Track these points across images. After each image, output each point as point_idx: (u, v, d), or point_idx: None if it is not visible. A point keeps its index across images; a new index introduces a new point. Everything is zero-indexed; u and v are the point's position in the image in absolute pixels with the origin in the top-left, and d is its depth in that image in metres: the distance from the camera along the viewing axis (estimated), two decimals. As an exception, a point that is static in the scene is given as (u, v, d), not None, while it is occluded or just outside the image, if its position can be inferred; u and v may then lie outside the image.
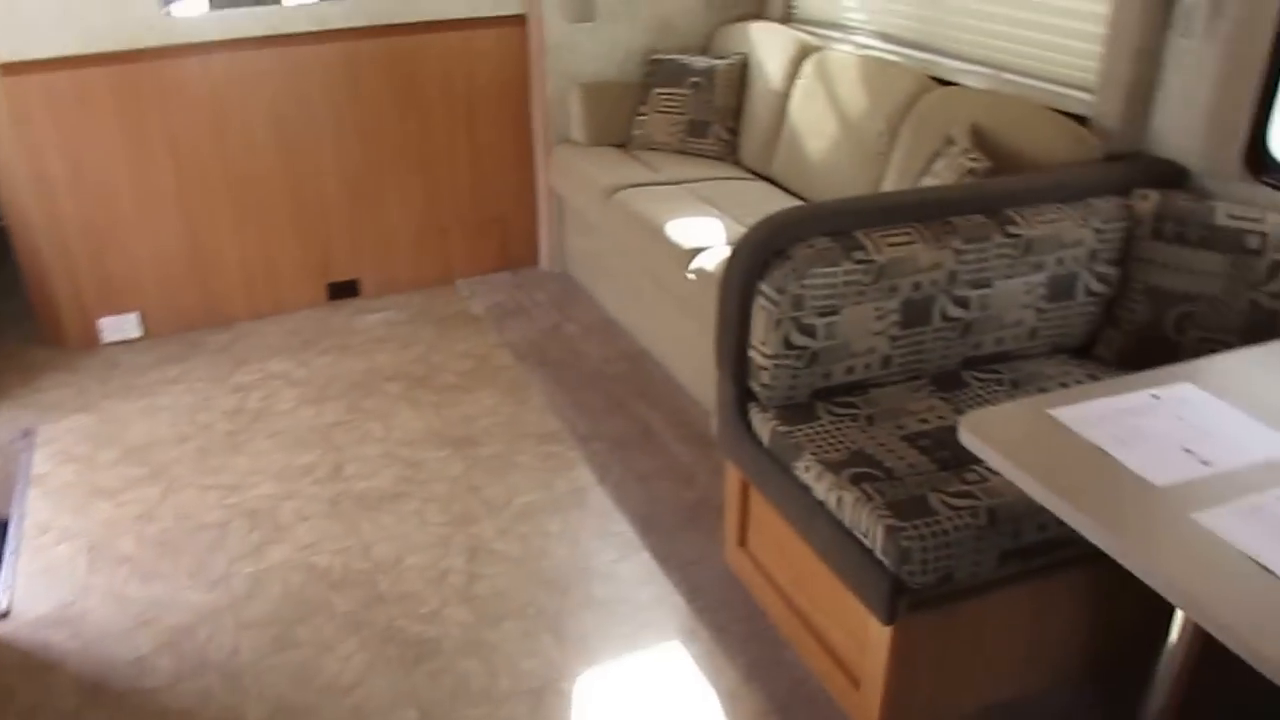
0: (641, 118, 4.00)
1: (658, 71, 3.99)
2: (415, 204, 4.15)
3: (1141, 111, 2.59)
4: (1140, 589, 1.41)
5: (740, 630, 2.38)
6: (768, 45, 3.80)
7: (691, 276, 3.04)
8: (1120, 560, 1.40)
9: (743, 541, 2.50)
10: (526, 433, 3.19)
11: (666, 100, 3.94)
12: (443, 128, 4.07)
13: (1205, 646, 1.65)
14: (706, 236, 3.15)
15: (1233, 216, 2.27)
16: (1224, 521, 1.42)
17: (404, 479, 2.97)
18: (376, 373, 3.58)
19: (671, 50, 4.10)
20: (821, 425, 2.13)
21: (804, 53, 3.63)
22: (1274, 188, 2.36)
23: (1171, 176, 2.51)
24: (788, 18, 4.05)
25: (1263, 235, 2.24)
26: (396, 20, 3.83)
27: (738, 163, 3.91)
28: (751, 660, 2.29)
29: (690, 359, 3.30)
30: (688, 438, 3.15)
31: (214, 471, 3.03)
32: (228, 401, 3.42)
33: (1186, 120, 2.50)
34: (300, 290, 4.08)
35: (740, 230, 3.17)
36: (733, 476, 2.46)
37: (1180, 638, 1.65)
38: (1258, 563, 1.34)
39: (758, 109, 3.79)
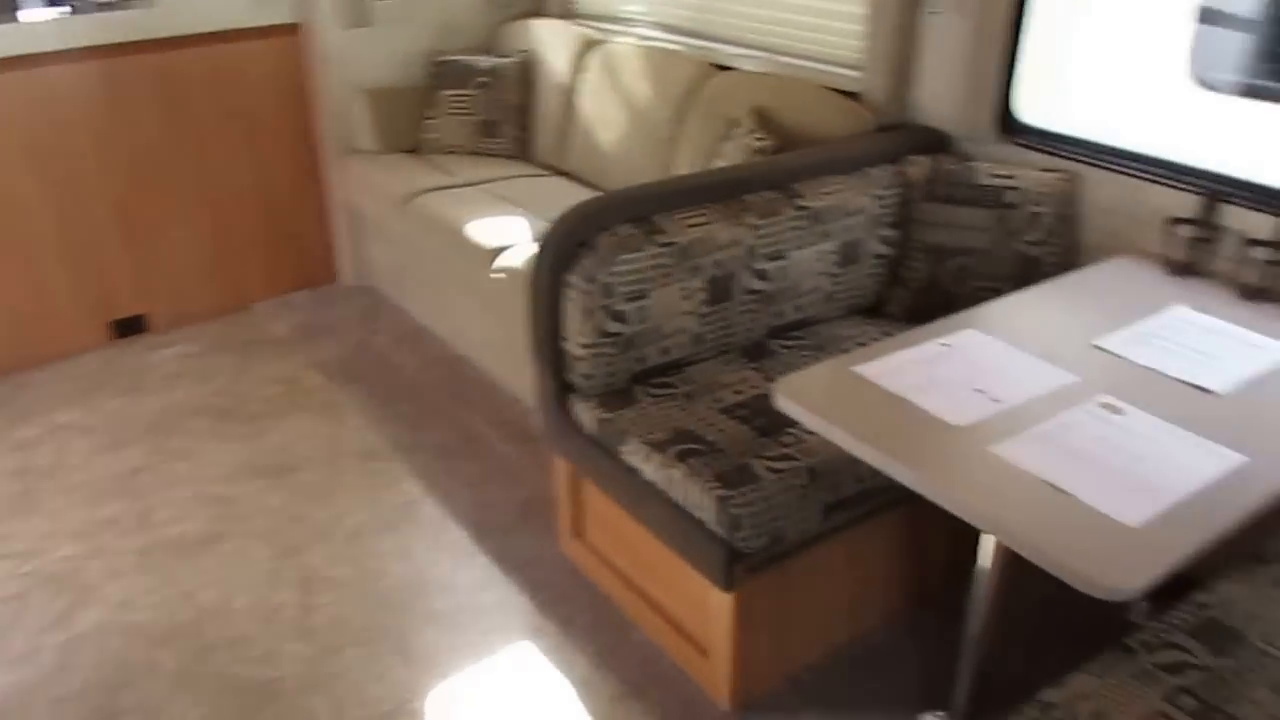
0: (431, 121, 3.93)
1: (443, 73, 3.93)
2: (200, 228, 3.92)
3: (904, 85, 2.77)
4: (952, 523, 1.52)
5: (586, 620, 2.39)
6: (550, 41, 3.82)
7: (498, 275, 3.02)
8: (931, 497, 1.50)
9: (579, 532, 2.51)
10: (347, 452, 3.09)
11: (455, 102, 3.89)
12: (221, 146, 3.86)
13: (1012, 566, 1.80)
14: (509, 235, 3.14)
15: (993, 175, 2.47)
16: (1017, 451, 1.55)
17: (220, 517, 2.81)
18: (176, 410, 3.37)
19: (455, 51, 4.05)
20: (643, 408, 2.17)
21: (587, 47, 3.67)
22: (1023, 147, 2.58)
23: (937, 143, 2.70)
24: (568, 13, 4.08)
25: (1019, 190, 2.44)
26: (156, 35, 3.59)
27: (532, 160, 3.91)
28: (601, 647, 2.30)
29: (506, 358, 3.28)
30: (512, 437, 3.13)
31: (2, 540, 2.76)
32: (9, 461, 3.12)
33: (944, 90, 2.69)
34: (79, 331, 3.77)
35: (543, 225, 3.17)
36: (561, 469, 2.47)
37: (990, 561, 1.78)
38: (1050, 484, 1.47)
39: (547, 105, 3.80)
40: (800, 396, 1.70)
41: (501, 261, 3.02)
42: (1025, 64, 2.57)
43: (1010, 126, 2.62)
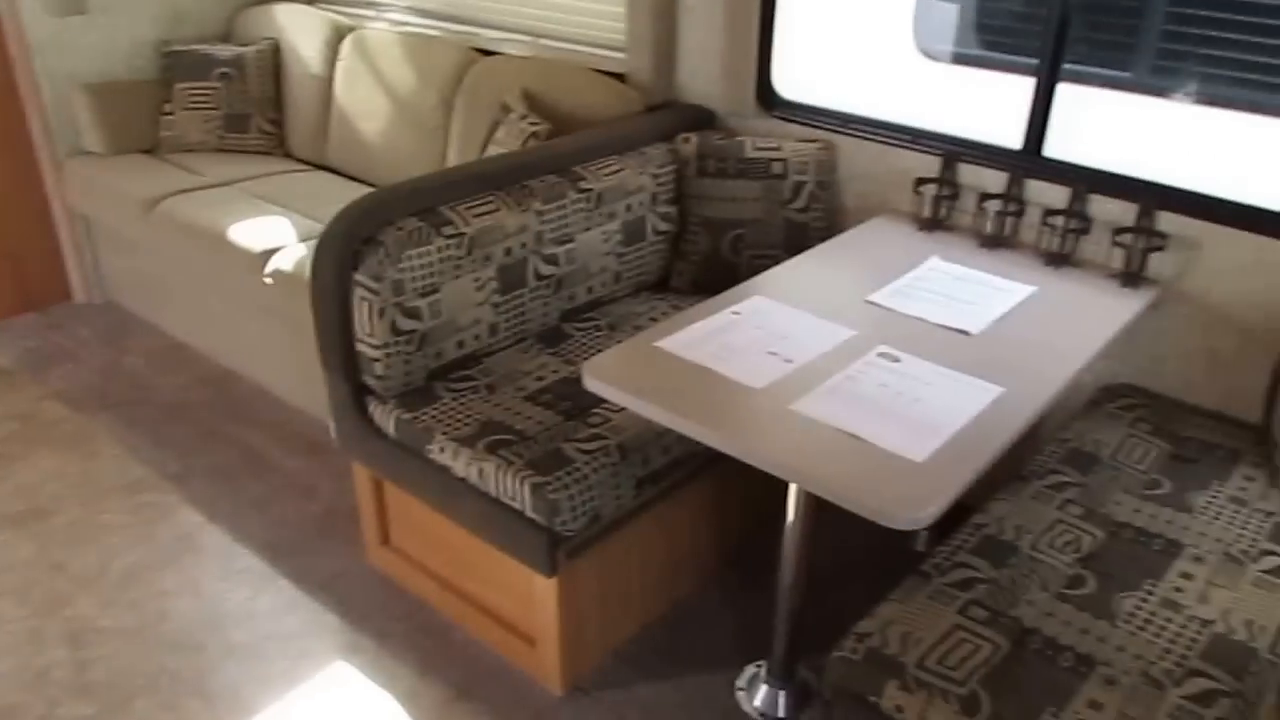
0: (168, 117, 3.73)
1: (177, 65, 3.73)
2: (-104, 252, 3.53)
3: (669, 65, 2.92)
4: (752, 483, 1.67)
5: (403, 628, 2.39)
6: (298, 28, 3.70)
7: (268, 281, 2.93)
8: (742, 457, 1.64)
9: (385, 540, 2.50)
10: (107, 488, 2.90)
11: (194, 96, 3.70)
12: (-86, 157, 3.49)
13: (814, 518, 1.98)
14: (276, 236, 3.04)
15: (758, 148, 2.66)
16: (813, 405, 1.72)
17: (-37, 576, 2.58)
18: (-108, 461, 3.04)
19: (188, 40, 3.84)
20: (445, 404, 2.20)
21: (339, 33, 3.59)
22: (784, 120, 2.80)
23: (704, 119, 2.87)
24: (311, -1, 3.97)
25: (784, 161, 2.64)
26: None
27: (289, 154, 3.79)
28: (423, 654, 2.32)
29: (283, 368, 3.19)
30: (299, 450, 3.06)
31: None
32: None
33: (706, 69, 2.86)
34: None
35: (312, 224, 3.11)
36: (362, 476, 2.45)
37: (796, 510, 1.96)
38: (845, 431, 1.64)
39: (300, 96, 3.70)
40: (608, 376, 1.80)
41: (272, 265, 2.93)
42: (780, 42, 2.78)
43: (771, 101, 2.83)
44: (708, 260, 2.70)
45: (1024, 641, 1.60)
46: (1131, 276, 2.24)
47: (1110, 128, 3.00)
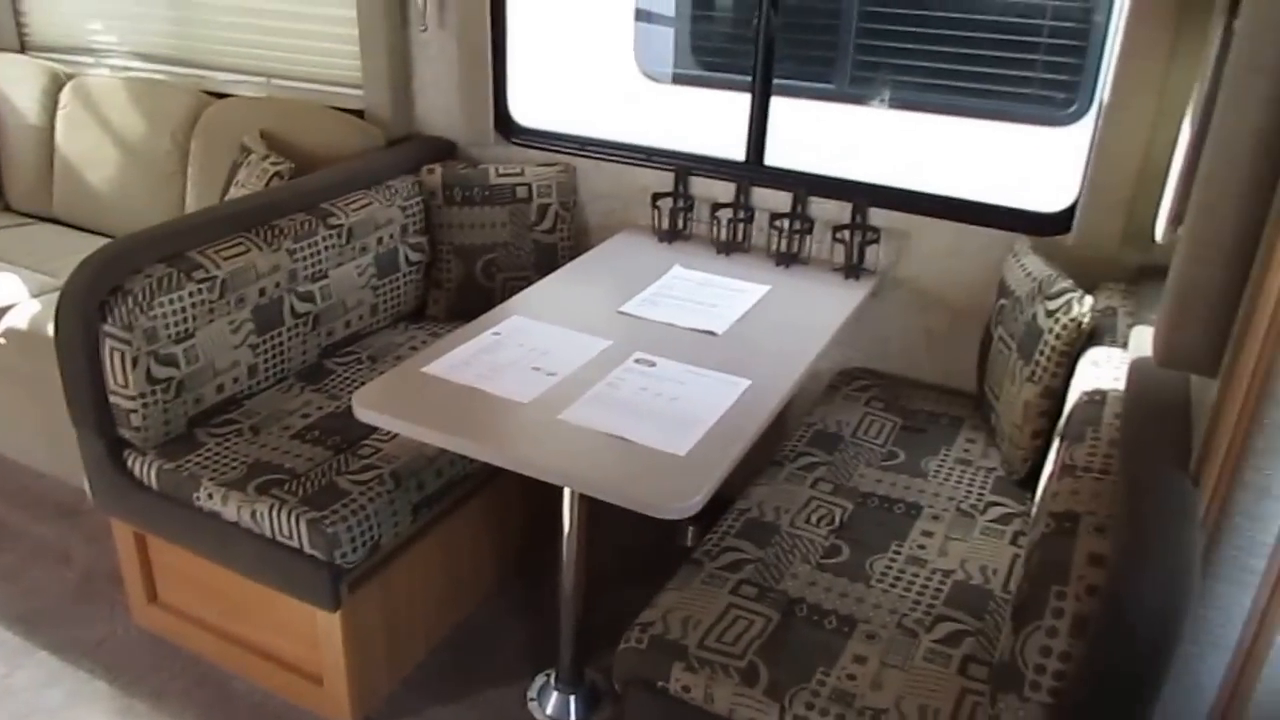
0: None
1: None
2: None
3: (406, 99, 2.83)
4: (528, 497, 1.63)
5: (180, 685, 2.17)
6: (10, 78, 3.33)
7: (1, 341, 2.60)
8: (516, 469, 1.60)
9: (153, 597, 2.27)
10: None
11: (-111, 154, 3.25)
12: None
13: (589, 525, 1.96)
14: (4, 293, 2.71)
15: (501, 174, 2.62)
16: (579, 413, 1.70)
17: None
18: None
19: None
20: (209, 450, 2.02)
21: (56, 82, 3.26)
22: (524, 146, 2.78)
23: (447, 150, 2.81)
24: (23, 46, 3.57)
25: (527, 185, 2.62)
26: None
27: (8, 208, 3.39)
28: (203, 708, 2.12)
29: (23, 431, 2.83)
30: (47, 515, 2.72)
31: None
32: None
33: (443, 101, 2.80)
34: None
35: (44, 279, 2.81)
36: (123, 534, 2.21)
37: (572, 515, 1.93)
38: (611, 434, 1.64)
39: (18, 147, 3.32)
40: (378, 404, 1.71)
41: (3, 325, 2.60)
42: (514, 71, 2.76)
43: (510, 129, 2.80)
44: (462, 287, 2.63)
45: (792, 611, 1.65)
46: (853, 269, 2.37)
47: (823, 134, 3.19)
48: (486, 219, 2.62)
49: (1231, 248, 1.15)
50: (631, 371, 1.86)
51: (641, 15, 3.83)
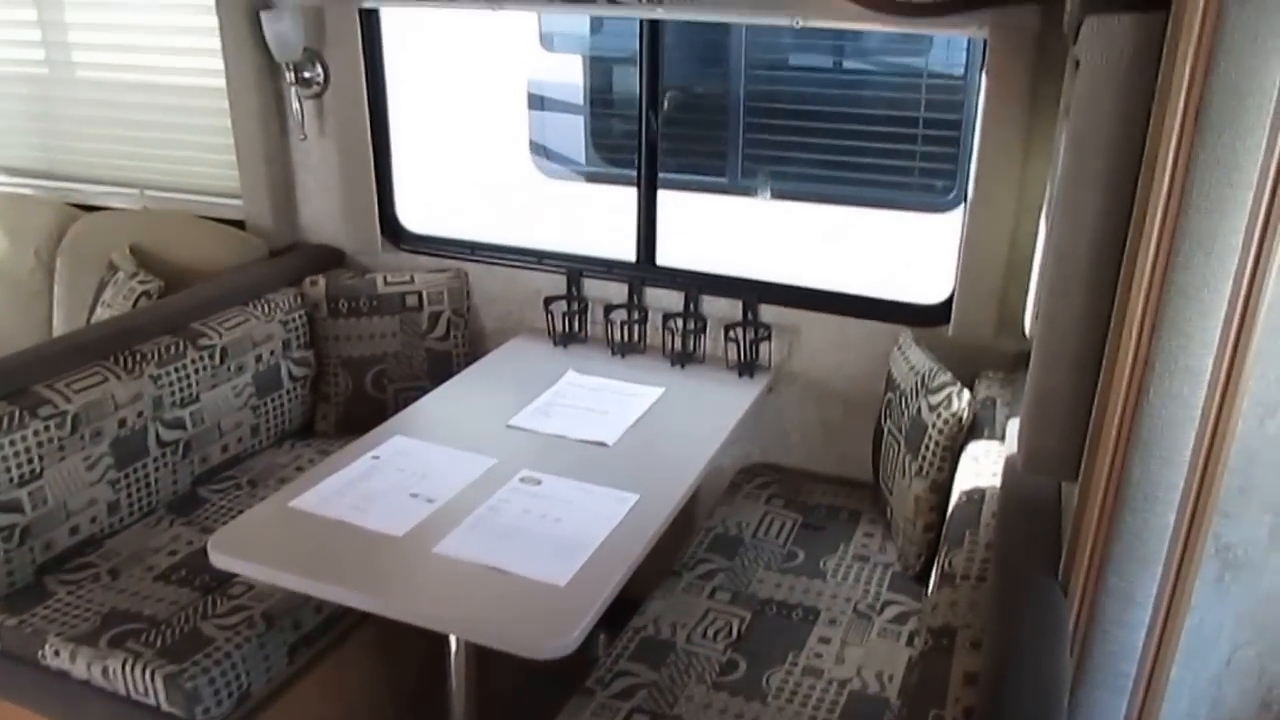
0: None
1: None
2: None
3: (289, 208, 2.82)
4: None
5: None
6: None
7: None
8: (384, 613, 1.56)
9: (7, 765, 2.13)
10: None
11: None
12: None
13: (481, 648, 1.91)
14: None
15: (390, 283, 2.61)
16: (456, 544, 1.66)
17: None
18: None
19: None
20: (60, 600, 1.93)
21: (-92, 199, 3.16)
22: (413, 252, 2.77)
23: (332, 259, 2.79)
24: None
25: (418, 293, 2.61)
26: None
27: None
28: None
29: None
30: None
31: None
32: None
33: (327, 209, 2.79)
34: None
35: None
36: (-33, 696, 2.08)
37: (456, 654, 1.87)
38: (490, 566, 1.60)
39: None
40: (238, 549, 1.66)
41: None
42: (400, 177, 2.77)
43: (398, 236, 2.79)
44: (352, 400, 2.59)
45: (685, 741, 1.62)
46: (746, 365, 2.40)
47: (715, 226, 3.25)
48: (375, 329, 2.60)
49: (1078, 356, 1.19)
50: (516, 492, 1.83)
51: (535, 102, 3.91)
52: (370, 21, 2.59)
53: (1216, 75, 0.92)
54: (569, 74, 3.85)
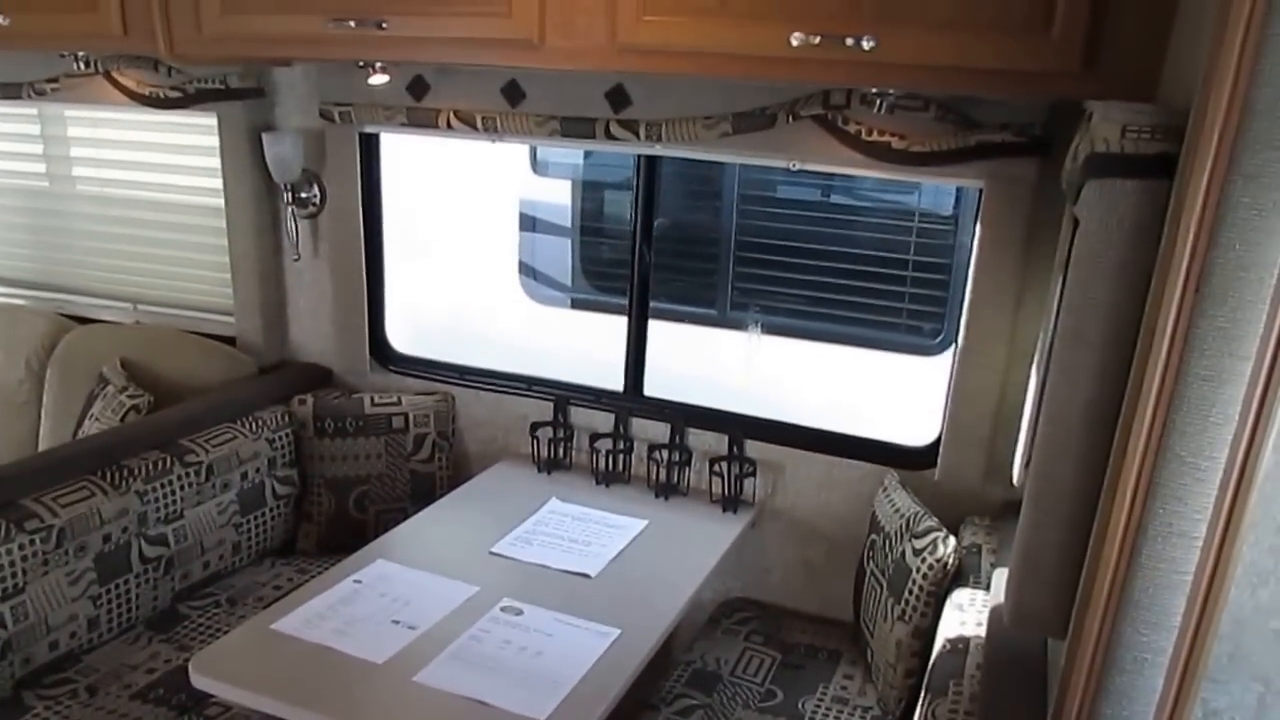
0: None
1: None
2: None
3: (279, 326, 2.96)
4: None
5: None
6: None
7: None
8: (365, 744, 1.62)
9: None
10: None
11: None
12: None
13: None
14: None
15: (376, 404, 2.73)
16: (436, 674, 1.74)
17: None
18: None
19: None
20: (37, 716, 1.98)
21: (-101, 304, 3.29)
22: (401, 374, 2.91)
23: (320, 378, 2.92)
24: None
25: (404, 415, 2.73)
26: None
27: None
28: None
29: None
30: None
31: None
32: None
33: (318, 328, 2.93)
34: None
35: None
36: (-72, 820, 2.11)
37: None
38: (470, 698, 1.68)
39: None
40: (219, 670, 1.73)
41: None
42: (391, 300, 2.92)
43: (387, 357, 2.93)
44: (334, 520, 2.68)
45: None
46: (730, 500, 2.51)
47: (707, 356, 3.40)
48: (360, 450, 2.70)
49: (1070, 514, 1.26)
50: (497, 622, 1.91)
51: (526, 224, 4.08)
52: (369, 145, 2.77)
53: (1219, 248, 0.97)
54: (558, 197, 4.04)
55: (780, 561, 2.57)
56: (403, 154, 2.89)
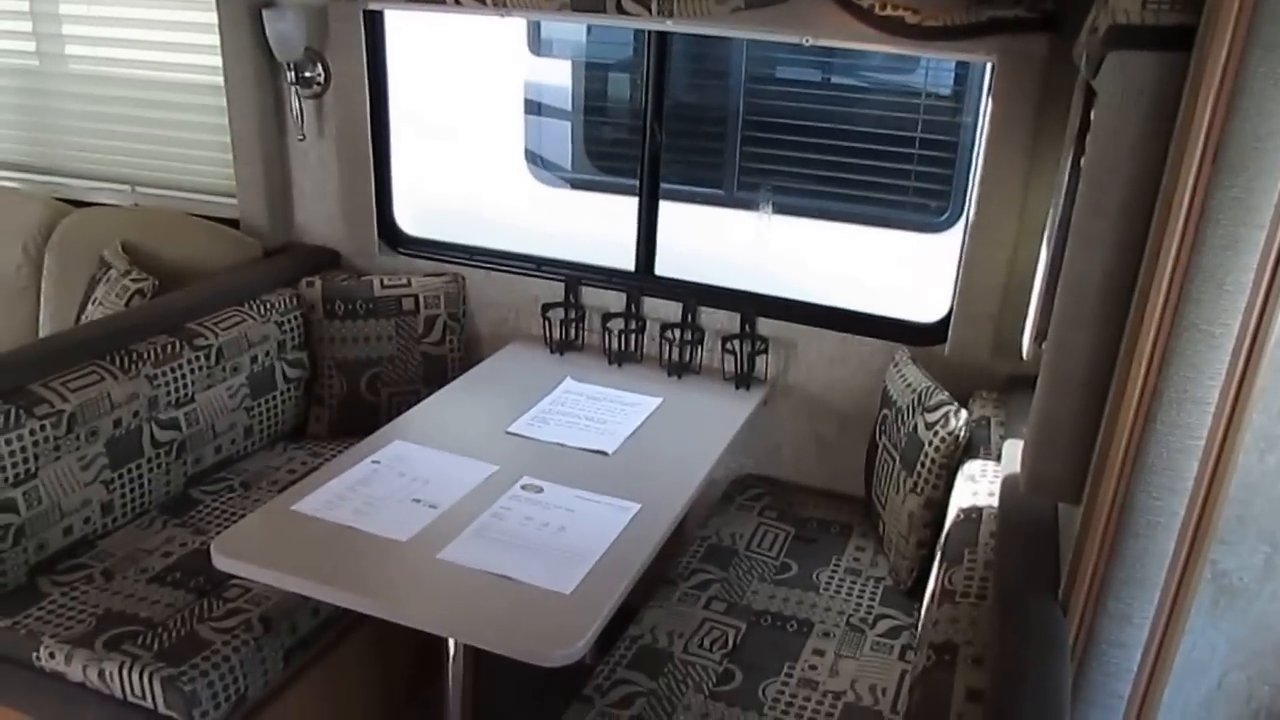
0: None
1: None
2: None
3: (284, 208, 2.84)
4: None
5: None
6: None
7: None
8: (390, 618, 1.58)
9: (-7, 764, 2.13)
10: None
11: None
12: None
13: (479, 653, 1.93)
14: None
15: (387, 286, 2.63)
16: (460, 550, 1.69)
17: None
18: None
19: None
20: (54, 601, 1.94)
21: (-111, 190, 3.15)
22: (410, 256, 2.80)
23: (327, 260, 2.81)
24: None
25: (414, 297, 2.64)
26: None
27: None
28: None
29: None
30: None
31: None
32: None
33: (324, 210, 2.81)
34: None
35: None
36: (-45, 698, 2.09)
37: (455, 658, 1.89)
38: (493, 573, 1.63)
39: None
40: (242, 551, 1.68)
41: None
42: (399, 180, 2.79)
43: (396, 239, 2.82)
44: (346, 403, 2.61)
45: (684, 749, 1.65)
46: (743, 378, 2.44)
47: (715, 236, 3.30)
48: (371, 332, 2.62)
49: (1087, 382, 1.23)
50: (518, 499, 1.86)
51: (531, 108, 3.93)
52: (374, 23, 2.61)
53: (1237, 117, 0.96)
54: (557, 79, 3.87)
55: (792, 437, 2.52)
56: (402, 36, 2.73)
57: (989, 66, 2.10)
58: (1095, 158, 1.17)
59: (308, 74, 2.67)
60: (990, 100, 2.08)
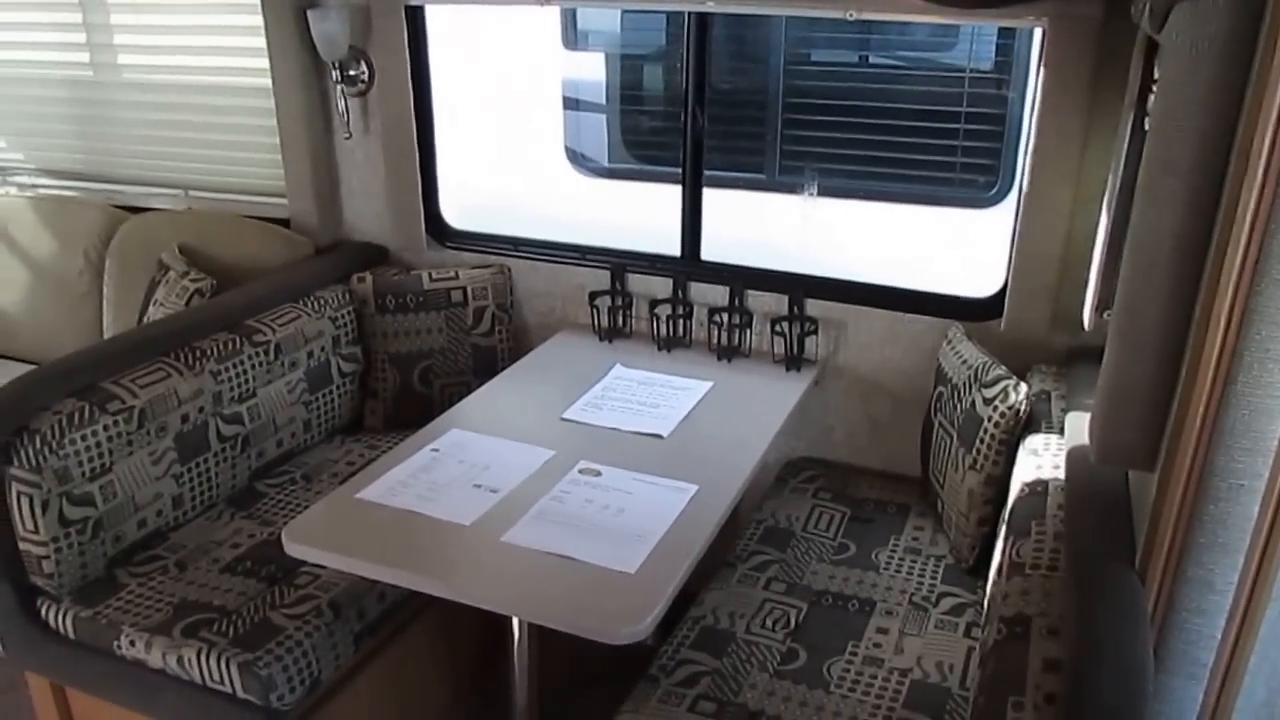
0: None
1: None
2: None
3: (334, 206, 2.86)
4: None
5: None
6: (-95, 199, 3.27)
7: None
8: (458, 599, 1.59)
9: (75, 753, 2.18)
10: None
11: None
12: None
13: (543, 634, 1.94)
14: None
15: (435, 279, 2.64)
16: (523, 533, 1.70)
17: None
18: None
19: None
20: (131, 592, 1.97)
21: (-43, 203, 3.21)
22: (457, 249, 2.81)
23: (378, 256, 2.83)
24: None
25: (462, 289, 2.65)
26: None
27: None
28: None
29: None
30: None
31: None
32: None
33: (372, 207, 2.83)
34: None
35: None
36: (39, 686, 2.13)
37: (520, 639, 1.90)
38: (557, 554, 1.64)
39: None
40: (311, 538, 1.69)
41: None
42: (445, 175, 2.80)
43: (442, 233, 2.83)
44: (399, 396, 2.63)
45: (753, 726, 1.65)
46: (793, 360, 2.42)
47: (758, 224, 3.28)
48: (421, 325, 2.63)
49: (1160, 346, 1.20)
50: (576, 483, 1.86)
51: (569, 104, 3.93)
52: (415, 19, 2.62)
53: None
54: (590, 72, 3.87)
55: (843, 419, 2.50)
56: (440, 32, 2.74)
57: (1039, 33, 2.04)
58: (1163, 113, 1.13)
59: (352, 72, 2.69)
60: (1043, 67, 2.02)
